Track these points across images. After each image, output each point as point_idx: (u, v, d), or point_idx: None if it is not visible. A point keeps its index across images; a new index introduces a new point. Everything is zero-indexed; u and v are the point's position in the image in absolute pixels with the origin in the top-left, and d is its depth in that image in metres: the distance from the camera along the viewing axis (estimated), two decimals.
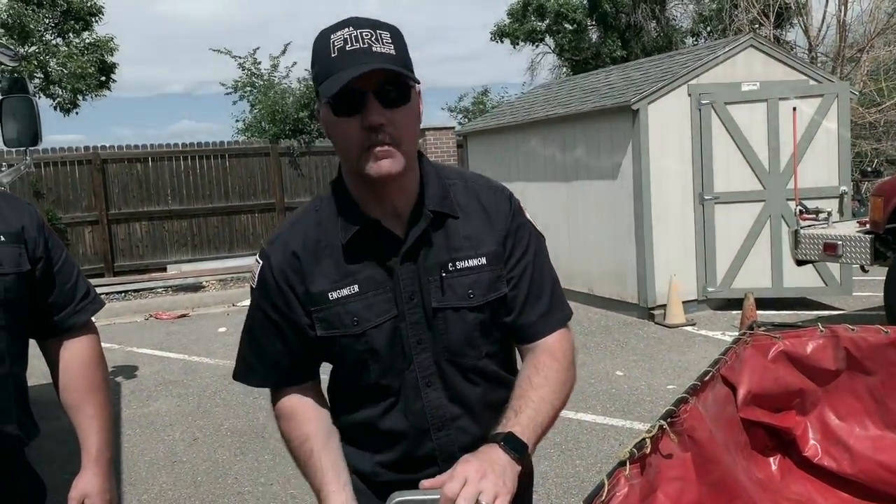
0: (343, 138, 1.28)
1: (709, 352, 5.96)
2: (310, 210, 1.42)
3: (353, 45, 1.23)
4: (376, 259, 1.36)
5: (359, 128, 1.25)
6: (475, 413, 1.43)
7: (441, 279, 1.36)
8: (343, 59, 1.23)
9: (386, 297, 1.35)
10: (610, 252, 8.11)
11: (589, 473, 4.10)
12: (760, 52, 7.97)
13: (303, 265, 1.36)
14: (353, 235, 1.34)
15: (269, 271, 1.38)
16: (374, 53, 1.23)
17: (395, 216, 1.36)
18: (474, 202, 1.42)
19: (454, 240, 1.38)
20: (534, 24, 21.40)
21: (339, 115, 1.26)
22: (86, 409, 1.68)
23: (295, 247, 1.37)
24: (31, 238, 1.59)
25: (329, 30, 1.27)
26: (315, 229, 1.38)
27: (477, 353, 1.41)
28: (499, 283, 1.40)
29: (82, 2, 13.75)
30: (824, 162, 7.56)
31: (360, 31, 1.24)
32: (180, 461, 4.67)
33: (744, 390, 1.99)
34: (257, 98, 15.94)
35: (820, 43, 15.58)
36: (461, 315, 1.38)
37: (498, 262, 1.40)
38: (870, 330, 2.05)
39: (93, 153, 12.05)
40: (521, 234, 1.44)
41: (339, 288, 1.35)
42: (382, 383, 1.39)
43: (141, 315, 9.84)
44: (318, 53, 1.27)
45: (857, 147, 14.39)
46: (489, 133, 10.45)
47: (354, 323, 1.35)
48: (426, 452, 1.41)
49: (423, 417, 1.40)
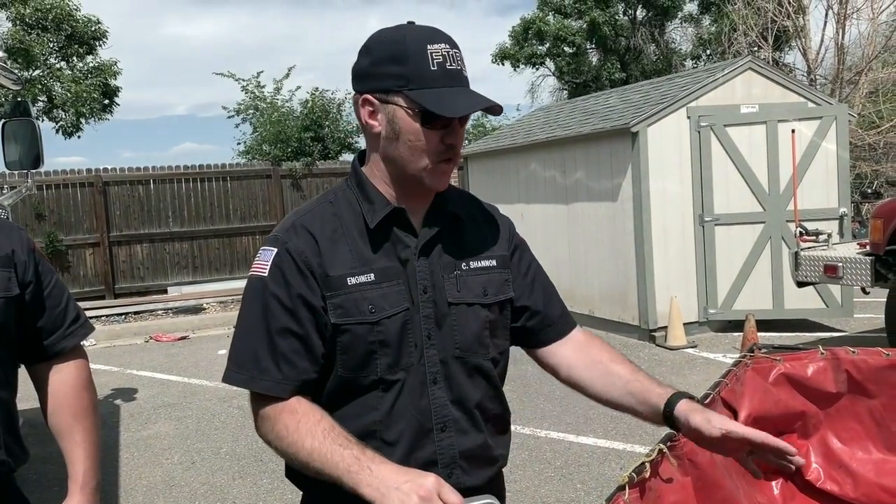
0: (418, 146, 1.34)
1: (710, 374, 5.94)
2: (324, 201, 1.44)
3: (452, 65, 1.32)
4: (392, 251, 1.38)
5: (438, 141, 1.34)
6: (473, 417, 1.43)
7: (457, 276, 1.42)
8: (446, 78, 1.31)
9: (399, 289, 1.36)
10: (610, 274, 8.11)
11: (589, 497, 4.07)
12: (759, 75, 8.03)
13: (321, 248, 1.35)
14: (381, 221, 1.38)
15: (287, 254, 1.34)
16: (464, 77, 1.34)
17: (414, 212, 1.42)
18: (482, 214, 1.54)
19: (467, 241, 1.46)
20: (534, 48, 21.58)
21: (427, 127, 1.33)
22: (73, 434, 1.67)
23: (313, 230, 1.37)
24: (20, 262, 1.59)
25: (422, 35, 1.33)
26: (331, 218, 1.39)
27: (485, 351, 1.44)
28: (506, 287, 1.48)
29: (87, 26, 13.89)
30: (824, 184, 7.58)
31: (454, 52, 1.33)
32: (178, 485, 4.63)
33: (744, 413, 1.97)
34: (259, 121, 16.03)
35: (819, 65, 15.69)
36: (475, 310, 1.42)
37: (505, 266, 1.49)
38: (871, 352, 2.04)
39: (94, 175, 12.10)
40: (525, 248, 1.58)
41: (356, 275, 1.35)
42: (388, 378, 1.36)
43: (141, 337, 9.82)
44: (411, 56, 1.31)
45: (857, 169, 14.44)
46: (490, 155, 10.49)
47: (371, 311, 1.34)
48: (426, 457, 1.38)
49: (427, 416, 1.38)
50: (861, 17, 14.73)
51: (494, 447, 1.47)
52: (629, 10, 21.86)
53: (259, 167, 13.63)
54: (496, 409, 1.48)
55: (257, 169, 13.50)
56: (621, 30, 21.43)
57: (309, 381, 1.35)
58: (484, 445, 1.44)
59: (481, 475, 1.43)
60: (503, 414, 1.51)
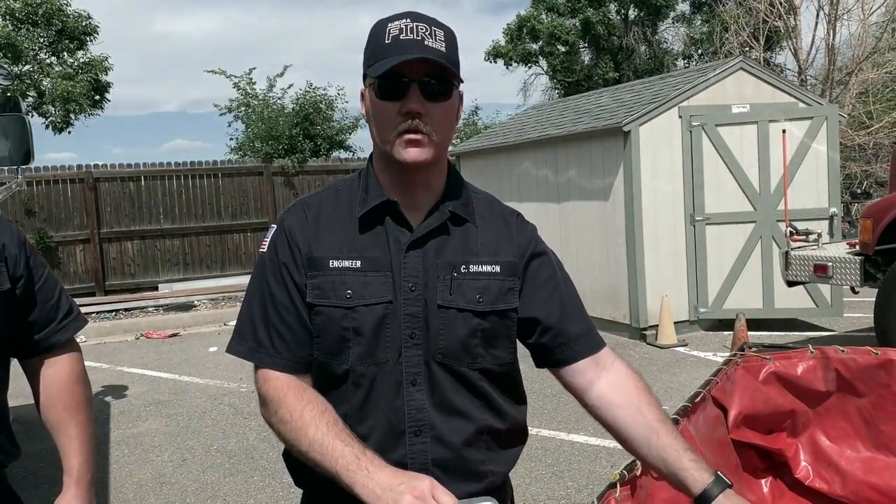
0: (381, 121, 1.32)
1: (700, 372, 5.96)
2: (332, 187, 1.46)
3: (407, 36, 1.28)
4: (383, 243, 1.36)
5: (396, 112, 1.29)
6: (458, 426, 1.36)
7: (451, 279, 1.36)
8: (395, 47, 1.28)
9: (384, 281, 1.34)
10: (602, 273, 8.13)
11: (580, 495, 4.08)
12: (750, 75, 8.06)
13: (311, 228, 1.37)
14: (370, 210, 1.37)
15: (283, 231, 1.39)
16: (425, 46, 1.28)
17: (415, 208, 1.38)
18: (497, 215, 1.46)
19: (471, 244, 1.39)
20: (527, 46, 21.61)
21: (382, 99, 1.30)
22: (67, 428, 1.66)
23: (309, 211, 1.40)
24: (11, 256, 1.58)
25: (388, 19, 1.33)
26: (332, 203, 1.41)
27: (471, 361, 1.37)
28: (509, 296, 1.39)
29: (77, 21, 13.80)
30: (814, 184, 7.62)
31: (417, 24, 1.30)
32: (169, 482, 4.62)
33: (735, 412, 1.99)
34: (251, 118, 15.98)
35: (809, 66, 15.76)
36: (465, 317, 1.36)
37: (513, 273, 1.40)
38: (860, 351, 2.05)
39: (85, 172, 12.03)
40: (549, 259, 1.48)
41: (341, 259, 1.35)
42: (358, 370, 1.34)
43: (132, 334, 9.78)
44: (372, 39, 1.32)
45: (847, 169, 14.52)
46: (482, 153, 10.49)
47: (348, 296, 1.33)
48: (396, 459, 1.30)
49: (400, 417, 1.34)
50: (852, 18, 14.83)
51: (485, 462, 1.39)
52: (622, 10, 21.91)
53: (250, 164, 13.58)
54: (490, 421, 1.39)
55: (249, 166, 13.45)
56: (614, 29, 21.47)
57: (304, 360, 1.36)
58: (464, 458, 1.36)
59: (460, 488, 1.30)
60: (503, 428, 1.41)
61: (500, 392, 1.42)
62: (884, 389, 2.01)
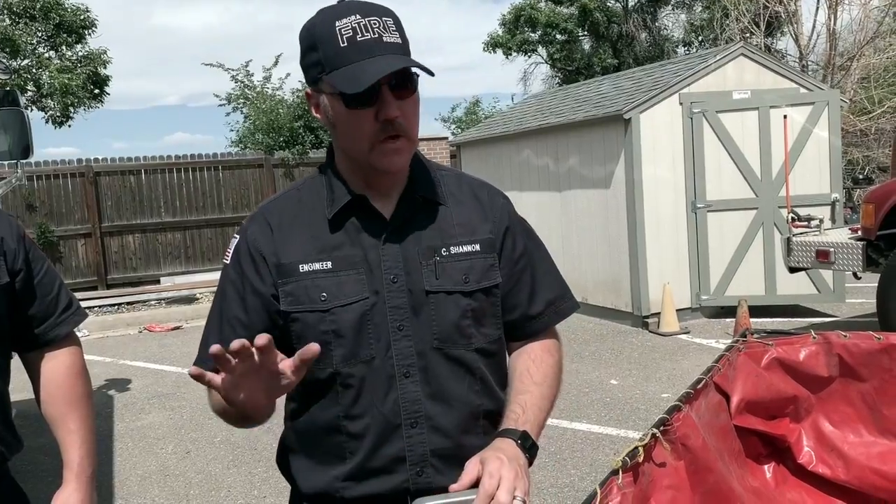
0: (353, 130, 1.27)
1: (702, 360, 5.96)
2: (292, 189, 1.43)
3: (364, 35, 1.22)
4: (357, 239, 1.33)
5: (372, 120, 1.25)
6: (454, 415, 1.35)
7: (435, 263, 1.34)
8: (356, 51, 1.22)
9: (359, 279, 1.31)
10: (603, 261, 8.12)
11: (583, 482, 4.09)
12: (751, 61, 8.02)
13: (277, 236, 1.34)
14: (340, 210, 1.33)
15: (245, 242, 1.36)
16: (385, 44, 1.23)
17: (384, 197, 1.36)
18: (467, 192, 1.44)
19: (447, 227, 1.37)
20: (526, 35, 21.51)
21: (352, 107, 1.25)
22: (67, 422, 1.66)
23: (271, 219, 1.36)
24: (10, 250, 1.58)
25: (331, 14, 1.25)
26: (295, 205, 1.38)
27: (466, 342, 1.35)
28: (492, 272, 1.38)
29: (75, 15, 13.74)
30: (815, 169, 7.60)
31: (369, 20, 1.23)
32: (173, 474, 4.63)
33: (737, 398, 1.98)
34: (252, 109, 15.96)
35: (810, 51, 15.69)
36: (454, 299, 1.34)
37: (491, 250, 1.39)
38: (862, 336, 2.05)
39: (86, 166, 12.03)
40: (520, 231, 1.47)
41: (311, 262, 1.32)
42: (344, 371, 1.31)
43: (134, 328, 9.80)
44: (321, 39, 1.25)
45: (849, 155, 14.48)
46: (482, 143, 10.47)
47: (322, 299, 1.31)
48: (394, 453, 1.31)
49: (395, 411, 1.32)
50: (853, 3, 14.74)
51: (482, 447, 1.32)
52: None
53: (251, 157, 13.58)
54: (486, 405, 1.38)
55: (249, 158, 13.45)
56: (613, 16, 21.37)
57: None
58: (462, 445, 1.33)
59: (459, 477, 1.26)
60: (496, 410, 1.39)
61: (493, 371, 1.42)
62: (886, 374, 2.00)
